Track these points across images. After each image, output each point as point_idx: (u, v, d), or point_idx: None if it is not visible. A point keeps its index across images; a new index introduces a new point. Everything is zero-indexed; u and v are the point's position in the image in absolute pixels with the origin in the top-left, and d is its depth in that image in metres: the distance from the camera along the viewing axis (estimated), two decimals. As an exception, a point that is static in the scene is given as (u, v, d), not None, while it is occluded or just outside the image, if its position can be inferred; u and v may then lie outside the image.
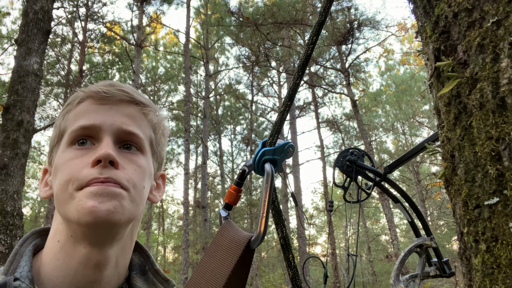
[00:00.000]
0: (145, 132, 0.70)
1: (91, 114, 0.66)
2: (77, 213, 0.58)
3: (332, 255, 14.39)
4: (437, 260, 1.57)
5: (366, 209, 20.57)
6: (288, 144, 0.73)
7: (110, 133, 0.65)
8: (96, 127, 0.65)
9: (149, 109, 0.73)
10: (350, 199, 1.71)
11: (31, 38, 4.46)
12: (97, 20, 14.01)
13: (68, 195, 0.60)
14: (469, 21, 0.51)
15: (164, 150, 0.78)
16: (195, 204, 18.15)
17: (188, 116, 12.90)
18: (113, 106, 0.68)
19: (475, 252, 0.49)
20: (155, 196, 0.75)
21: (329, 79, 15.71)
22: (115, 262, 0.65)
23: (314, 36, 0.74)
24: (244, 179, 0.75)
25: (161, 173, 0.78)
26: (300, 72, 0.74)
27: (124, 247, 0.67)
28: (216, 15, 15.03)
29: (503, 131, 0.46)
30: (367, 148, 10.75)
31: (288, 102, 0.74)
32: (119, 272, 0.68)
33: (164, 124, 0.77)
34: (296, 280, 0.71)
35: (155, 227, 24.05)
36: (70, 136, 0.65)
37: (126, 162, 0.65)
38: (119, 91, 0.69)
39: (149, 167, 0.70)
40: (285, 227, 0.75)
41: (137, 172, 0.65)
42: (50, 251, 0.65)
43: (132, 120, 0.69)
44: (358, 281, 17.08)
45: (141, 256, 0.76)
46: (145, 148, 0.69)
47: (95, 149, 0.64)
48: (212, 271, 0.63)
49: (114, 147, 0.64)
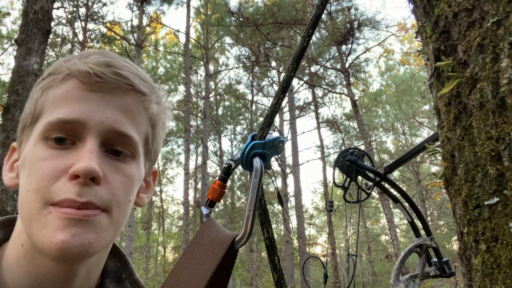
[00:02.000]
0: (141, 131, 0.58)
1: (76, 103, 0.52)
2: (42, 243, 0.48)
3: (332, 255, 14.39)
4: (437, 260, 1.57)
5: (366, 209, 20.56)
6: (278, 139, 0.70)
7: (97, 133, 0.52)
8: (79, 123, 0.51)
9: (152, 98, 0.59)
10: (350, 199, 1.71)
11: (31, 38, 4.46)
12: (97, 20, 14.01)
13: (35, 210, 0.49)
14: (469, 21, 0.51)
15: (161, 143, 0.66)
16: (195, 204, 18.14)
17: (188, 116, 12.90)
18: (105, 95, 0.54)
19: (475, 252, 0.49)
20: (142, 198, 0.64)
21: (329, 79, 15.71)
22: (86, 274, 0.56)
23: (310, 29, 0.73)
24: (230, 175, 0.71)
25: (152, 170, 0.67)
26: (294, 65, 0.72)
27: (99, 259, 0.59)
28: (216, 15, 15.02)
29: (503, 131, 0.46)
30: (367, 148, 10.75)
31: (280, 94, 0.72)
32: (90, 281, 0.58)
33: (166, 114, 0.65)
34: (281, 283, 0.69)
35: (155, 227, 24.05)
36: (46, 128, 0.52)
37: (112, 172, 0.53)
38: (116, 76, 0.54)
39: (139, 173, 0.58)
40: (271, 228, 0.71)
41: (123, 185, 0.54)
42: (13, 254, 0.54)
43: (127, 116, 0.55)
44: (358, 281, 17.08)
45: (117, 261, 0.65)
46: (138, 152, 0.57)
47: (75, 152, 0.51)
48: (192, 272, 0.59)
49: (100, 152, 0.52)
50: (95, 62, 0.54)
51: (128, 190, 0.55)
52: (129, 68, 0.57)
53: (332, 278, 13.79)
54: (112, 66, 0.55)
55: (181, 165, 21.52)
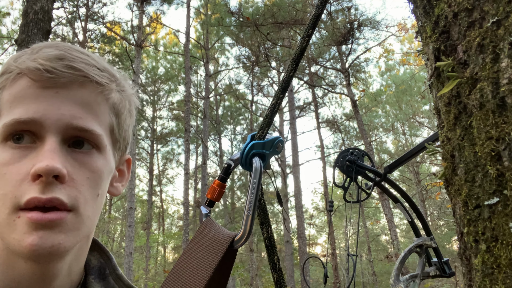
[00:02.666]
0: (103, 122, 0.56)
1: (30, 102, 0.51)
2: (13, 246, 0.49)
3: (332, 255, 14.39)
4: (437, 260, 1.57)
5: (366, 209, 20.57)
6: (278, 139, 0.70)
7: (55, 131, 0.50)
8: (36, 122, 0.50)
9: (111, 88, 0.57)
10: (350, 199, 1.71)
11: (31, 38, 4.46)
12: (97, 20, 14.02)
13: (5, 215, 0.49)
14: (469, 21, 0.51)
15: (130, 131, 0.64)
16: (195, 204, 18.14)
17: (188, 116, 12.90)
18: (60, 91, 0.51)
19: (475, 252, 0.49)
20: (117, 188, 0.62)
21: (329, 79, 15.72)
22: (67, 271, 0.56)
23: (309, 29, 0.73)
24: (229, 174, 0.71)
25: (125, 158, 0.65)
26: (294, 65, 0.73)
27: (78, 254, 0.57)
28: (216, 15, 15.03)
29: (503, 131, 0.46)
30: (367, 148, 10.75)
31: (280, 94, 0.72)
32: (72, 279, 0.57)
33: (131, 100, 0.62)
34: (281, 283, 0.70)
35: (155, 227, 24.06)
36: (4, 130, 0.51)
37: (77, 168, 0.51)
38: (69, 70, 0.52)
39: (108, 165, 0.57)
40: (270, 227, 0.72)
41: (90, 180, 0.52)
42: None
43: (86, 109, 0.53)
44: (358, 281, 17.07)
45: (100, 257, 0.65)
46: (102, 144, 0.55)
47: (36, 151, 0.50)
48: (191, 271, 0.59)
49: (61, 149, 0.51)
50: (45, 57, 0.52)
51: (95, 185, 0.53)
52: (83, 59, 0.54)
53: (332, 278, 13.79)
54: (64, 59, 0.52)
55: (181, 165, 21.54)
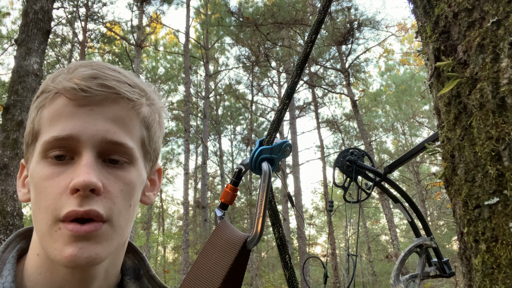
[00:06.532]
0: (135, 136, 0.59)
1: (67, 120, 0.55)
2: (54, 256, 0.53)
3: (332, 255, 14.39)
4: (437, 260, 1.57)
5: (366, 209, 20.56)
6: (285, 143, 0.72)
7: (91, 146, 0.54)
8: (73, 138, 0.54)
9: (142, 103, 0.60)
10: (350, 199, 1.71)
11: (31, 38, 4.46)
12: (97, 20, 14.02)
13: (47, 226, 0.53)
14: (469, 21, 0.51)
15: (160, 142, 0.67)
16: (195, 204, 18.15)
17: (188, 116, 12.90)
18: (94, 108, 0.55)
19: (475, 252, 0.49)
20: (149, 197, 0.66)
21: (329, 79, 15.71)
22: (104, 274, 0.60)
23: (313, 35, 0.74)
24: (241, 178, 0.74)
25: (156, 168, 0.68)
26: (299, 71, 0.74)
27: (115, 258, 0.62)
28: (216, 15, 15.03)
29: (503, 131, 0.46)
30: (367, 148, 10.75)
31: (286, 100, 0.74)
32: (109, 280, 0.62)
33: (160, 112, 0.66)
34: (292, 281, 0.72)
35: (155, 227, 24.05)
36: (44, 148, 0.55)
37: (112, 181, 0.55)
38: (102, 88, 0.56)
39: (140, 177, 0.61)
40: (281, 227, 0.75)
41: (123, 192, 0.56)
42: (32, 263, 0.59)
43: (119, 124, 0.57)
44: (358, 281, 17.06)
45: (135, 258, 0.69)
46: (135, 157, 0.58)
47: (74, 167, 0.54)
48: (208, 271, 0.62)
49: (97, 163, 0.54)
50: (80, 77, 0.56)
51: (128, 196, 0.57)
52: (115, 77, 0.58)
53: (332, 278, 13.79)
54: (97, 78, 0.56)
55: (181, 165, 21.54)
